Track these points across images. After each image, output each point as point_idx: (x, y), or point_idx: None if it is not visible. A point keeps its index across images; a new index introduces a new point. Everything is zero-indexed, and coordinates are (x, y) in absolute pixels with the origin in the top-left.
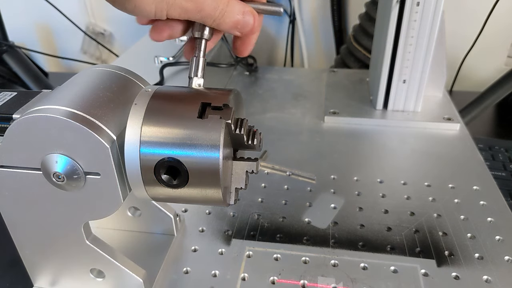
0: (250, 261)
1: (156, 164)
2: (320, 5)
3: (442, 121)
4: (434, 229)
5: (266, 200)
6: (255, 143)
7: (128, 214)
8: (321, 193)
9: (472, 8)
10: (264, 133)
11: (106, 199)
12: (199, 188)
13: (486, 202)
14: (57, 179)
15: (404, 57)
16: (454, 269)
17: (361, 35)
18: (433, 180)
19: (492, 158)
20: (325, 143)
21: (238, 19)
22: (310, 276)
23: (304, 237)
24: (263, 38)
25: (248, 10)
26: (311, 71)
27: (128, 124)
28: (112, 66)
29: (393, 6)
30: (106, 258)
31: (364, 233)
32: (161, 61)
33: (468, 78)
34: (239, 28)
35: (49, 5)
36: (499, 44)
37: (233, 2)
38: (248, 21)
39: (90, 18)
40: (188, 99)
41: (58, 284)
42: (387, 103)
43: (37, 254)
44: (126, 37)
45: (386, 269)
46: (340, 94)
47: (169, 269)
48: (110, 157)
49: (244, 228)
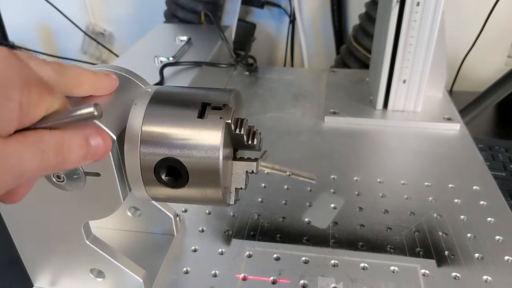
0: (250, 261)
1: (156, 164)
2: (320, 5)
3: (442, 121)
4: (434, 229)
5: (266, 200)
6: (255, 143)
7: (128, 214)
8: (321, 193)
9: (472, 8)
10: (264, 133)
11: (106, 199)
12: (199, 188)
13: (486, 202)
14: (57, 179)
15: (404, 57)
16: (454, 269)
17: (361, 35)
18: (433, 180)
19: (492, 158)
20: (325, 143)
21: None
22: (310, 276)
23: (304, 237)
24: (263, 38)
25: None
26: (311, 71)
27: (128, 124)
28: (112, 66)
29: (393, 6)
30: (106, 258)
31: (364, 233)
32: (161, 61)
33: (468, 78)
34: (90, 158)
35: (49, 5)
36: (499, 44)
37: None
38: (97, 146)
39: (90, 18)
40: (188, 99)
41: (58, 284)
42: (387, 103)
43: (37, 254)
44: (126, 37)
45: (386, 269)
46: (340, 94)
47: (169, 269)
48: (110, 157)
49: (244, 228)
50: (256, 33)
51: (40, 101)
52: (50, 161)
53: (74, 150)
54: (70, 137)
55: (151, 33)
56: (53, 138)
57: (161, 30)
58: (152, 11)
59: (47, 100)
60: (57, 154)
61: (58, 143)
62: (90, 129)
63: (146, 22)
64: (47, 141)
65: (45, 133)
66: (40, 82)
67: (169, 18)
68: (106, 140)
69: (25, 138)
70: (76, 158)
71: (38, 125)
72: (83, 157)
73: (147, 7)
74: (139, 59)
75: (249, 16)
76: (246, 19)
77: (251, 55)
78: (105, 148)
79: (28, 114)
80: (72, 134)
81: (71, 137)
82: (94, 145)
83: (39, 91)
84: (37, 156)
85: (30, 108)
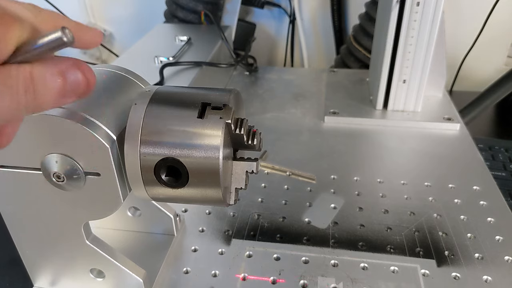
0: (250, 261)
1: (156, 164)
2: (320, 5)
3: (442, 121)
4: (434, 229)
5: (266, 200)
6: (255, 143)
7: (128, 214)
8: (321, 193)
9: (472, 8)
10: (264, 133)
11: (106, 199)
12: (199, 188)
13: (486, 202)
14: (57, 179)
15: (404, 57)
16: (454, 269)
17: (361, 35)
18: (433, 180)
19: (492, 158)
20: (325, 143)
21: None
22: (310, 276)
23: (304, 237)
24: (263, 38)
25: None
26: (311, 71)
27: (128, 124)
28: (112, 66)
29: (393, 6)
30: (106, 258)
31: (364, 233)
32: (161, 61)
33: (468, 78)
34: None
35: (49, 5)
36: (499, 44)
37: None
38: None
39: (90, 18)
40: (188, 99)
41: (58, 284)
42: (387, 103)
43: (37, 254)
44: (126, 37)
45: (386, 269)
46: (340, 94)
47: (169, 269)
48: (110, 157)
49: (244, 228)
50: (256, 33)
51: (7, 33)
52: (20, 98)
53: (47, 85)
54: (41, 70)
55: (151, 33)
56: (21, 72)
57: (161, 30)
58: (152, 11)
59: (15, 32)
60: (26, 91)
61: (25, 77)
62: (67, 62)
63: (146, 22)
64: (14, 76)
65: (13, 68)
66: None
67: (169, 18)
68: (87, 74)
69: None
70: (51, 95)
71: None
72: (59, 94)
73: (147, 7)
74: (139, 59)
75: (249, 16)
76: (246, 19)
77: (251, 55)
78: (87, 84)
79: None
80: (44, 67)
81: (42, 70)
82: (72, 80)
83: (4, 24)
84: (6, 94)
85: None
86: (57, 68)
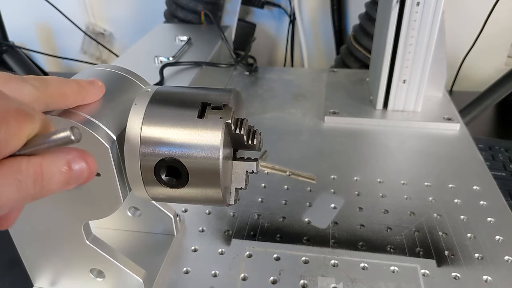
0: (250, 261)
1: (156, 164)
2: (320, 5)
3: (442, 121)
4: (434, 229)
5: (266, 200)
6: (255, 143)
7: (128, 214)
8: (321, 193)
9: (472, 8)
10: (264, 133)
11: (106, 199)
12: (199, 188)
13: (486, 202)
14: None
15: (404, 57)
16: (454, 269)
17: (361, 35)
18: (433, 180)
19: (492, 158)
20: (325, 143)
21: (66, 176)
22: (310, 276)
23: (304, 237)
24: (263, 38)
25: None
26: (311, 71)
27: (128, 124)
28: (112, 66)
29: (393, 6)
30: (106, 258)
31: (364, 233)
32: (161, 61)
33: (468, 78)
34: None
35: (49, 5)
36: (499, 44)
37: (46, 163)
38: (80, 170)
39: (90, 18)
40: (188, 99)
41: (58, 284)
42: (387, 103)
43: (37, 254)
44: (126, 37)
45: (386, 269)
46: (340, 94)
47: (169, 269)
48: (110, 157)
49: (244, 228)
50: (256, 33)
51: (20, 130)
52: (28, 191)
53: (54, 177)
54: (50, 163)
55: (151, 33)
56: (31, 166)
57: (161, 30)
58: (152, 11)
59: (27, 128)
60: (35, 184)
61: (36, 171)
62: (73, 153)
63: (146, 22)
64: (25, 170)
65: (23, 162)
66: (18, 110)
67: (169, 18)
68: (90, 164)
69: (1, 169)
70: (57, 184)
71: (17, 152)
72: (65, 183)
73: (147, 7)
74: (139, 59)
75: (249, 16)
76: (246, 19)
77: (251, 55)
78: (90, 172)
79: (7, 147)
80: (52, 160)
81: (51, 163)
82: (77, 170)
83: (17, 121)
84: (14, 187)
85: (9, 140)
86: (65, 160)
